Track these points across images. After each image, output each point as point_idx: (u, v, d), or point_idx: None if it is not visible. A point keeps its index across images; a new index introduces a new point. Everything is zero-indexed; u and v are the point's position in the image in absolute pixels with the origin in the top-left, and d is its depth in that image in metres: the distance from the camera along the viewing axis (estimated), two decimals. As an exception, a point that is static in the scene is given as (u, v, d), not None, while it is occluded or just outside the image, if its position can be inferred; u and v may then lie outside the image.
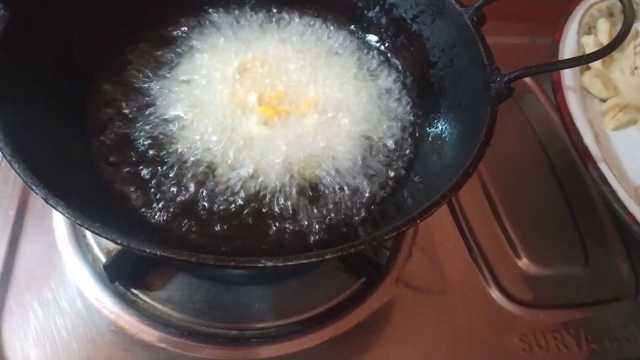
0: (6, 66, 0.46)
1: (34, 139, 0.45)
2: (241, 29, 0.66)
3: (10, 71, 0.46)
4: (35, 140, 0.45)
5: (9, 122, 0.42)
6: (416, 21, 0.61)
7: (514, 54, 0.78)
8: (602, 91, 0.74)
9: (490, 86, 0.49)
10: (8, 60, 0.46)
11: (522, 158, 0.75)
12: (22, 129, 0.43)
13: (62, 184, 0.41)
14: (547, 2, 0.79)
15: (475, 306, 0.60)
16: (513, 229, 0.66)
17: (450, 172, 0.47)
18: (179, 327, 0.54)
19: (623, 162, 0.68)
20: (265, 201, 0.52)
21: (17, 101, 0.46)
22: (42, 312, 0.54)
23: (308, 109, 0.58)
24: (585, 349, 0.58)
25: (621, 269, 0.65)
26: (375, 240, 0.39)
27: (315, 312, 0.56)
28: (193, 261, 0.36)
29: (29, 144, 0.43)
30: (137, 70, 0.59)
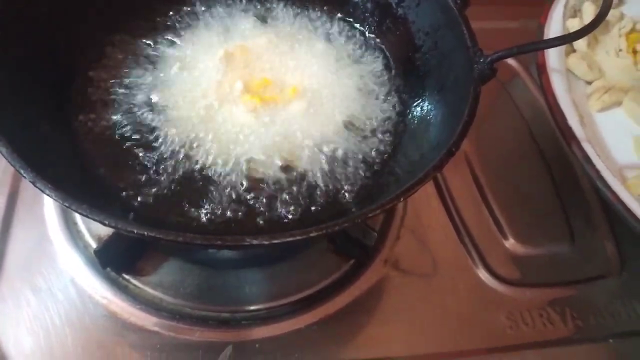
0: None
1: (19, 125, 0.45)
2: (226, 18, 0.66)
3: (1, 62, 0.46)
4: (21, 126, 0.46)
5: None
6: (401, 5, 0.62)
7: (501, 38, 0.78)
8: (588, 73, 0.75)
9: (473, 67, 0.50)
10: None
11: (509, 141, 0.76)
12: (7, 116, 0.44)
13: (49, 169, 0.41)
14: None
15: (463, 286, 0.61)
16: (500, 210, 0.67)
17: (436, 153, 0.48)
18: (171, 310, 0.55)
19: (608, 143, 0.69)
20: (252, 187, 0.52)
21: (2, 89, 0.46)
22: (35, 299, 0.55)
23: (294, 96, 0.58)
24: (571, 326, 0.59)
25: (606, 247, 0.66)
26: (359, 217, 0.40)
27: (305, 294, 0.57)
28: (180, 241, 0.37)
29: (15, 129, 0.43)
30: (121, 58, 0.60)
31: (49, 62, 0.53)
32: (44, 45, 0.53)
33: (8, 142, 0.40)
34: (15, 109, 0.46)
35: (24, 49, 0.51)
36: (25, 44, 0.51)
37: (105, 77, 0.58)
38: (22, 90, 0.49)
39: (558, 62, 0.71)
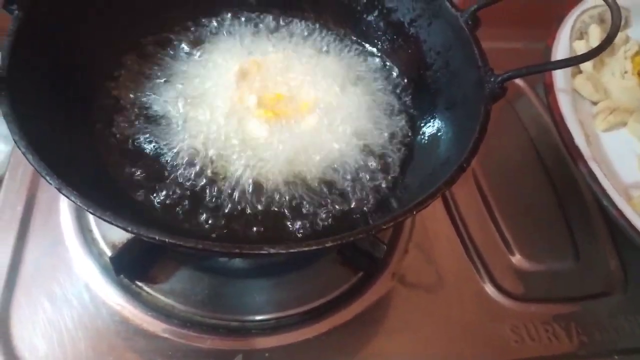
0: (20, 64, 0.47)
1: (45, 133, 0.47)
2: (241, 34, 0.68)
3: (24, 69, 0.48)
4: (46, 134, 0.47)
5: (23, 116, 0.44)
6: (413, 25, 0.63)
7: (507, 58, 0.80)
8: (593, 94, 0.77)
9: (484, 86, 0.51)
10: (21, 58, 0.48)
11: (515, 157, 0.77)
12: (34, 124, 0.45)
13: (71, 175, 0.43)
14: (539, 8, 0.82)
15: (469, 299, 0.62)
16: (506, 226, 0.68)
17: (446, 168, 0.49)
18: (182, 318, 0.56)
19: (613, 162, 0.71)
20: (265, 200, 0.54)
21: (30, 97, 0.47)
22: (50, 304, 0.56)
23: (306, 112, 0.60)
24: (576, 341, 0.60)
25: (610, 264, 0.67)
26: (373, 229, 0.41)
27: (315, 305, 0.58)
28: (200, 248, 0.38)
29: (41, 137, 0.44)
30: (140, 71, 0.61)
31: (72, 75, 0.55)
32: (66, 58, 0.55)
33: (35, 150, 0.42)
34: (41, 119, 0.47)
35: (48, 61, 0.52)
36: (49, 56, 0.53)
37: (124, 89, 0.59)
38: (47, 101, 0.50)
39: (565, 82, 0.73)
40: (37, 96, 0.49)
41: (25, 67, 0.48)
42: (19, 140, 0.42)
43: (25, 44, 0.49)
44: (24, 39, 0.49)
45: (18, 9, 0.49)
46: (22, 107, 0.45)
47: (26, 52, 0.49)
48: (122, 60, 0.61)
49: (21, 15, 0.49)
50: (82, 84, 0.56)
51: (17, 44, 0.48)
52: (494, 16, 0.59)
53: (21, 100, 0.45)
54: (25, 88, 0.47)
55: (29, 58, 0.49)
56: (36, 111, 0.47)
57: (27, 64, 0.49)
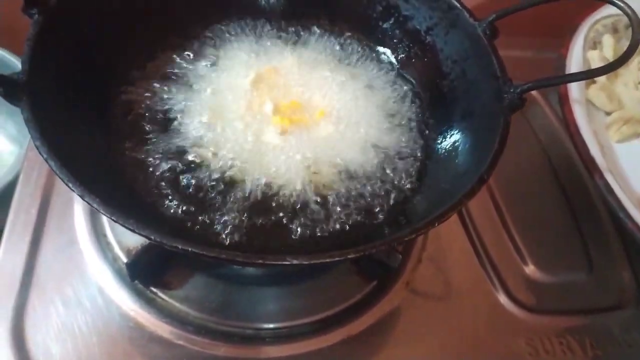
0: (40, 69, 0.47)
1: (64, 138, 0.46)
2: (257, 41, 0.67)
3: (44, 74, 0.48)
4: (66, 139, 0.47)
5: (44, 122, 0.44)
6: (430, 33, 0.63)
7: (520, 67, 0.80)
8: (607, 104, 0.76)
9: (503, 97, 0.51)
10: (41, 63, 0.48)
11: (528, 167, 0.77)
12: (55, 130, 0.45)
13: (91, 181, 0.43)
14: (552, 17, 0.82)
15: (482, 311, 0.62)
16: (520, 236, 0.68)
17: (464, 180, 0.49)
18: (196, 325, 0.56)
19: (627, 173, 0.70)
20: (281, 207, 0.54)
21: (50, 102, 0.47)
22: (64, 308, 0.56)
23: (322, 119, 0.60)
24: (590, 355, 0.60)
25: (624, 276, 0.67)
26: (396, 240, 0.41)
27: (328, 314, 0.58)
28: (223, 258, 0.38)
29: (61, 143, 0.44)
30: (157, 79, 0.61)
31: (91, 80, 0.55)
32: (86, 64, 0.55)
33: (56, 156, 0.41)
34: (61, 124, 0.47)
35: (68, 66, 0.52)
36: (69, 61, 0.53)
37: (141, 95, 0.59)
38: (66, 106, 0.50)
39: (579, 92, 0.73)
40: (56, 101, 0.49)
41: (45, 71, 0.48)
42: (41, 146, 0.41)
43: (45, 49, 0.49)
44: (44, 44, 0.49)
45: (38, 13, 0.49)
46: (42, 112, 0.45)
47: (46, 57, 0.49)
48: (140, 66, 0.61)
49: (41, 19, 0.49)
50: (100, 89, 0.56)
51: (37, 49, 0.48)
52: (507, 25, 0.59)
53: (41, 105, 0.45)
54: (46, 93, 0.47)
55: (49, 62, 0.49)
56: (56, 116, 0.47)
57: (47, 69, 0.49)
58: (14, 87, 0.44)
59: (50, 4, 0.50)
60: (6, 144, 1.01)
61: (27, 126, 0.43)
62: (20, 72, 0.45)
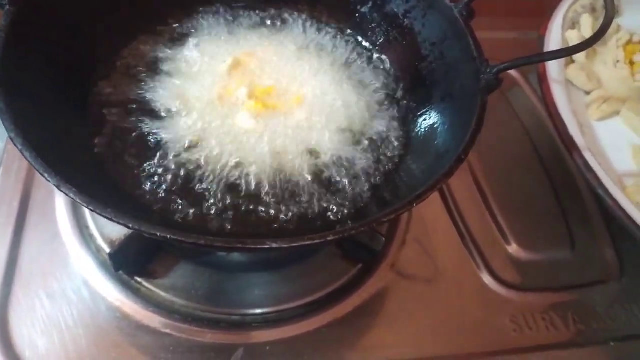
0: (14, 60, 0.47)
1: (40, 129, 0.46)
2: (234, 27, 0.67)
3: (18, 65, 0.47)
4: (42, 130, 0.46)
5: (18, 113, 0.43)
6: (408, 16, 0.63)
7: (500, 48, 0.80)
8: (586, 84, 0.77)
9: (480, 77, 0.52)
10: (15, 54, 0.47)
11: (511, 148, 0.77)
12: (30, 120, 0.45)
13: (69, 172, 0.42)
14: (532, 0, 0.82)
15: (467, 290, 0.62)
16: (503, 216, 0.69)
17: (444, 160, 0.50)
18: (183, 313, 0.56)
19: (607, 151, 0.71)
20: (254, 192, 0.54)
21: (25, 94, 0.47)
22: (48, 300, 0.56)
23: (298, 104, 0.60)
24: (573, 330, 0.61)
25: (606, 253, 0.68)
26: (374, 222, 0.41)
27: (314, 298, 0.58)
28: (201, 244, 0.38)
29: (37, 134, 0.44)
30: (133, 65, 0.61)
31: (67, 68, 0.54)
32: (61, 53, 0.54)
33: (32, 147, 0.41)
34: (37, 115, 0.47)
35: (43, 57, 0.52)
36: (44, 51, 0.52)
37: (119, 83, 0.59)
38: (42, 97, 0.50)
39: (558, 72, 0.73)
40: (32, 92, 0.48)
41: (19, 63, 0.48)
42: (16, 138, 0.41)
43: (19, 40, 0.48)
44: (17, 35, 0.48)
45: (9, 3, 0.49)
46: (17, 103, 0.44)
47: (20, 48, 0.48)
48: (118, 54, 0.61)
49: (13, 10, 0.49)
50: (77, 79, 0.56)
51: (10, 40, 0.47)
52: (486, 6, 0.59)
53: (16, 96, 0.45)
54: (21, 84, 0.47)
55: (23, 54, 0.49)
56: (31, 107, 0.47)
57: (21, 59, 0.48)
58: (-13, 79, 0.44)
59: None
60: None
61: (1, 117, 0.42)
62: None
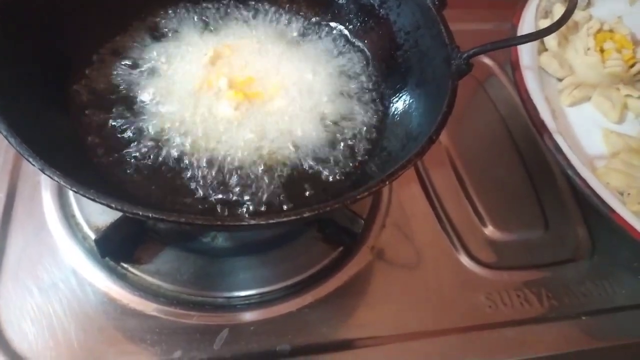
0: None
1: (24, 116, 0.47)
2: (215, 20, 0.69)
3: (3, 56, 0.49)
4: (26, 117, 0.48)
5: (3, 102, 0.45)
6: (383, 6, 0.65)
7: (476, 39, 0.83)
8: (558, 70, 0.80)
9: (450, 63, 0.54)
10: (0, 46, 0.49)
11: (487, 135, 0.80)
12: (13, 108, 0.46)
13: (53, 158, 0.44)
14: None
15: (445, 270, 0.65)
16: (479, 200, 0.71)
17: (417, 142, 0.52)
18: (168, 296, 0.57)
19: (578, 135, 0.74)
20: (235, 180, 0.55)
21: (8, 82, 0.48)
22: (37, 289, 0.57)
23: (277, 93, 0.62)
24: (547, 305, 0.63)
25: (578, 232, 0.71)
26: (349, 199, 0.43)
27: (297, 279, 0.60)
28: (182, 221, 0.39)
29: (21, 121, 0.45)
30: (113, 60, 0.62)
31: (49, 59, 0.56)
32: (44, 44, 0.55)
33: (16, 132, 0.43)
34: (20, 103, 0.48)
35: (25, 47, 0.53)
36: (25, 42, 0.53)
37: (100, 74, 0.61)
38: (25, 85, 0.51)
39: (531, 60, 0.76)
40: (15, 81, 0.50)
41: (4, 54, 0.49)
42: (0, 124, 0.43)
43: (3, 32, 0.50)
44: (1, 27, 0.50)
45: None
46: (1, 92, 0.46)
47: (4, 40, 0.50)
48: (99, 45, 0.62)
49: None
50: (59, 71, 0.57)
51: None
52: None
53: (1, 85, 0.46)
54: (5, 73, 0.48)
55: (4, 44, 0.50)
56: (15, 95, 0.48)
57: (5, 51, 0.50)
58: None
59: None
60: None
61: (-15, 107, 0.44)
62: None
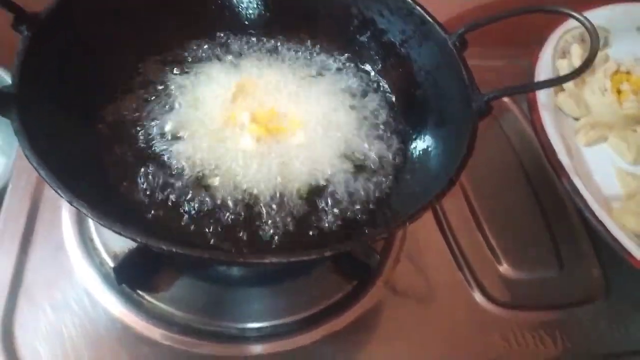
0: (28, 82, 0.49)
1: (53, 147, 0.48)
2: (239, 55, 0.70)
3: (34, 85, 0.50)
4: (55, 148, 0.49)
5: (33, 132, 0.46)
6: (404, 45, 0.66)
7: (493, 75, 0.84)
8: (575, 110, 0.80)
9: (471, 104, 0.54)
10: (31, 75, 0.50)
11: (501, 171, 0.80)
12: (43, 139, 0.47)
13: (80, 187, 0.45)
14: (523, 28, 0.85)
15: (459, 307, 0.64)
16: (493, 236, 0.71)
17: (436, 182, 0.52)
18: (182, 325, 0.58)
19: (594, 175, 0.74)
20: (257, 214, 0.56)
21: (40, 112, 0.49)
22: (52, 311, 0.57)
23: (298, 128, 0.62)
24: (561, 346, 0.63)
25: (593, 273, 0.70)
26: (369, 238, 0.43)
27: (311, 312, 0.60)
28: (207, 257, 0.40)
29: (50, 152, 0.46)
30: (142, 91, 0.64)
31: (75, 91, 0.56)
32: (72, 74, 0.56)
33: (46, 164, 0.43)
34: (50, 133, 0.49)
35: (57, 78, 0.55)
36: (58, 73, 0.55)
37: (126, 106, 0.62)
38: (55, 116, 0.52)
39: (547, 99, 0.76)
40: (45, 112, 0.51)
41: (34, 83, 0.50)
42: (31, 156, 0.43)
43: (35, 63, 0.51)
44: (33, 58, 0.51)
45: (27, 29, 0.52)
46: (31, 122, 0.47)
47: (35, 70, 0.51)
48: (126, 78, 0.64)
49: (30, 35, 0.52)
50: (86, 99, 0.58)
51: (27, 63, 0.50)
52: (480, 34, 0.62)
53: (31, 116, 0.47)
54: (35, 104, 0.49)
55: (38, 75, 0.51)
56: (45, 126, 0.49)
57: (36, 81, 0.51)
58: (4, 100, 0.46)
59: (39, 19, 0.53)
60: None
61: (17, 136, 0.45)
62: (10, 85, 0.47)
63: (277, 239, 0.54)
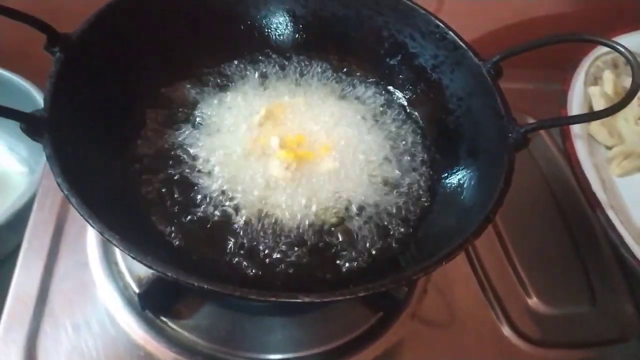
0: (60, 106, 0.49)
1: (83, 175, 0.48)
2: (267, 78, 0.69)
3: (64, 111, 0.49)
4: (85, 176, 0.48)
5: (65, 158, 0.45)
6: (436, 71, 0.65)
7: (524, 99, 0.83)
8: (608, 139, 0.78)
9: (507, 136, 0.53)
10: (62, 100, 0.50)
11: (531, 200, 0.78)
12: (75, 164, 0.47)
13: (108, 215, 0.44)
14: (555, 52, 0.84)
15: (487, 342, 0.63)
16: (523, 269, 0.69)
17: (470, 215, 0.51)
18: (205, 355, 0.57)
19: (629, 208, 0.72)
20: (286, 242, 0.55)
21: (69, 139, 0.49)
22: (74, 333, 0.57)
23: (327, 153, 0.61)
24: (592, 388, 0.61)
25: (626, 309, 0.68)
26: (404, 279, 0.42)
27: (335, 345, 0.59)
28: (237, 295, 0.39)
29: (81, 177, 0.46)
30: (172, 116, 0.63)
31: (106, 116, 0.56)
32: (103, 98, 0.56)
33: (77, 192, 0.43)
34: (81, 159, 0.49)
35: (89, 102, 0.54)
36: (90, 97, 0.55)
37: (156, 131, 0.61)
38: (86, 141, 0.52)
39: (580, 128, 0.74)
40: (76, 137, 0.50)
41: (67, 108, 0.50)
42: (63, 183, 0.43)
43: (67, 86, 0.51)
44: (66, 81, 0.51)
45: (60, 51, 0.51)
46: (63, 147, 0.46)
47: (68, 94, 0.51)
48: (156, 103, 0.63)
49: (63, 57, 0.51)
50: (117, 125, 0.58)
51: (59, 87, 0.50)
52: (511, 59, 0.61)
53: (63, 140, 0.47)
54: (66, 130, 0.49)
55: (70, 99, 0.51)
56: (76, 151, 0.49)
57: (68, 104, 0.50)
58: (36, 124, 0.46)
59: (71, 40, 0.52)
60: (17, 165, 1.02)
61: (49, 162, 0.44)
62: (42, 109, 0.47)
63: (301, 266, 0.53)
